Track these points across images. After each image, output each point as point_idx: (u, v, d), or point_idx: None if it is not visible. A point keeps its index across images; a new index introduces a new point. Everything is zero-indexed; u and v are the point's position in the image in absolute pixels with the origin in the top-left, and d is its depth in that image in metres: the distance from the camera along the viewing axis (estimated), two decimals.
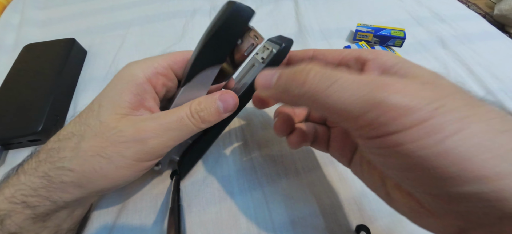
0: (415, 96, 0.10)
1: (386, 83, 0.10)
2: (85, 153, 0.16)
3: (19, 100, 0.29)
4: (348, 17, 0.44)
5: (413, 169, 0.10)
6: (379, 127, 0.10)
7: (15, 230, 0.16)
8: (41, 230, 0.17)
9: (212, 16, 0.44)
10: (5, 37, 0.40)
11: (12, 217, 0.16)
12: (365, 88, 0.11)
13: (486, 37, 0.43)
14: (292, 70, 0.14)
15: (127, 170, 0.17)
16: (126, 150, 0.16)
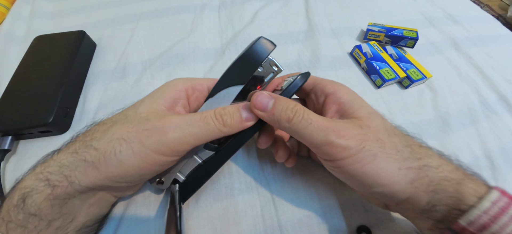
0: (351, 140, 0.17)
1: (337, 129, 0.17)
2: (112, 135, 0.17)
3: (30, 91, 0.29)
4: (359, 15, 0.43)
5: (350, 179, 0.19)
6: (330, 156, 0.18)
7: (35, 211, 0.16)
8: (57, 216, 0.18)
9: (220, 11, 0.43)
10: (16, 28, 0.40)
11: (33, 196, 0.16)
12: (324, 132, 0.17)
13: (500, 39, 0.42)
14: (284, 107, 0.18)
15: (142, 160, 0.17)
16: (146, 138, 0.17)
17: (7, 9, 0.43)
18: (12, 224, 0.16)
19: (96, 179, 0.17)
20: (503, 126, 0.31)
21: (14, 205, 0.16)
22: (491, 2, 1.48)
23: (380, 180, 0.17)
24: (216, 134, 0.19)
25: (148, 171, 0.18)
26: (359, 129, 0.18)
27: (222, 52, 0.37)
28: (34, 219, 0.17)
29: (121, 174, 0.17)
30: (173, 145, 0.17)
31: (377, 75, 0.34)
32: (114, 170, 0.17)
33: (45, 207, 0.17)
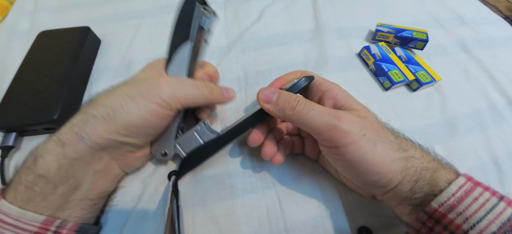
0: (353, 126, 0.18)
1: (339, 115, 0.19)
2: (117, 93, 0.20)
3: (34, 88, 0.29)
4: (367, 15, 0.42)
5: (348, 166, 0.19)
6: (333, 141, 0.19)
7: (43, 172, 0.17)
8: (63, 180, 0.18)
9: (226, 9, 0.43)
10: (20, 23, 0.40)
11: (44, 156, 0.18)
12: (328, 116, 0.19)
13: (510, 43, 0.41)
14: (287, 97, 0.21)
15: (145, 111, 0.19)
16: (147, 93, 0.20)
17: (10, 3, 0.43)
18: (21, 186, 0.17)
19: (105, 132, 0.19)
20: (510, 131, 0.31)
21: (26, 167, 0.18)
22: (498, 3, 1.46)
23: (378, 168, 0.18)
24: (204, 100, 0.22)
25: (150, 124, 0.20)
26: (358, 118, 0.19)
27: (228, 50, 0.36)
28: (41, 180, 0.17)
29: (128, 126, 0.19)
30: (168, 99, 0.20)
31: (385, 77, 0.33)
32: (122, 122, 0.19)
33: (53, 168, 0.18)
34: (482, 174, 0.27)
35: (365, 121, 0.19)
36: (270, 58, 0.35)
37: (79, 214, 0.20)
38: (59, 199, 0.18)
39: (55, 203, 0.18)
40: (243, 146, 0.28)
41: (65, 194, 0.18)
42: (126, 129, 0.19)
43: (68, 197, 0.19)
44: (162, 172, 0.25)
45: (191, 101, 0.22)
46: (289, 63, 0.35)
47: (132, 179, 0.25)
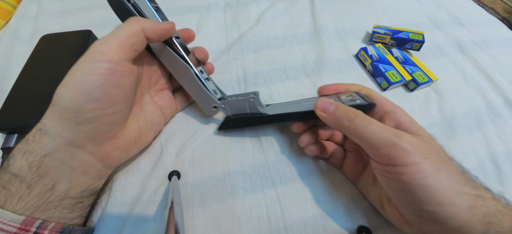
0: (415, 147, 0.17)
1: (401, 134, 0.18)
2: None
3: (36, 90, 0.29)
4: (365, 17, 0.43)
5: (404, 190, 0.17)
6: (391, 159, 0.17)
7: (16, 171, 0.17)
8: (36, 179, 0.18)
9: (226, 12, 0.44)
10: (23, 27, 0.40)
11: (15, 156, 0.18)
12: (388, 133, 0.18)
13: (506, 43, 0.42)
14: (345, 108, 0.20)
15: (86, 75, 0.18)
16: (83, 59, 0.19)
17: (14, 7, 0.44)
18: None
19: (56, 115, 0.18)
20: (509, 130, 0.31)
21: (2, 168, 0.18)
22: (495, 5, 1.48)
23: (439, 198, 0.16)
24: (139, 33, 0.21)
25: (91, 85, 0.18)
26: (422, 142, 0.18)
27: (227, 52, 0.37)
28: (15, 180, 0.17)
29: (69, 98, 0.18)
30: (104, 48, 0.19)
31: (382, 78, 0.34)
32: (62, 96, 0.18)
33: (23, 166, 0.17)
34: (481, 173, 0.27)
35: (429, 147, 0.18)
36: (269, 59, 0.36)
37: (61, 215, 0.19)
38: (36, 199, 0.18)
39: (32, 203, 0.17)
40: (244, 145, 0.28)
41: (42, 194, 0.18)
42: (71, 102, 0.18)
43: (46, 197, 0.18)
44: (161, 173, 0.25)
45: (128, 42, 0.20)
46: (288, 65, 0.35)
47: (132, 180, 0.25)
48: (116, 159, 0.23)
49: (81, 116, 0.18)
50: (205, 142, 0.28)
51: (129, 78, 0.21)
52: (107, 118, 0.20)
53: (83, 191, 0.20)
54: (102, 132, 0.20)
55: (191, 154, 0.27)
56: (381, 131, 0.18)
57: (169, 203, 0.21)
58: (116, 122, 0.21)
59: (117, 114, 0.21)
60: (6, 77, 0.33)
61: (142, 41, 0.21)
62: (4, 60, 0.36)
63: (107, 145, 0.21)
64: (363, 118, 0.19)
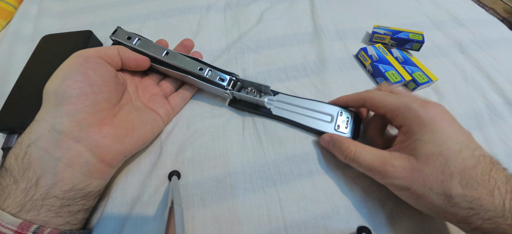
0: (397, 179, 0.20)
1: (383, 169, 0.21)
2: None
3: (37, 90, 0.29)
4: (365, 18, 0.43)
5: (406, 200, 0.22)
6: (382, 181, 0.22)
7: (6, 164, 0.18)
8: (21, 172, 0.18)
9: (226, 12, 0.44)
10: (24, 27, 0.41)
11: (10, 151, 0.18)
12: (374, 170, 0.22)
13: (506, 43, 0.42)
14: (339, 144, 0.24)
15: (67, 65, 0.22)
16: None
17: (14, 8, 0.44)
18: None
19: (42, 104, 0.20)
20: (509, 130, 0.31)
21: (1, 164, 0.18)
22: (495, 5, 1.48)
23: (426, 211, 0.20)
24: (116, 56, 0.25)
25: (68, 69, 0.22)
26: (408, 172, 0.20)
27: (227, 52, 0.37)
28: (5, 173, 0.18)
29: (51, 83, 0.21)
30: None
31: (382, 78, 0.34)
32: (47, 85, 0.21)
33: (11, 158, 0.18)
34: None
35: (416, 175, 0.19)
36: (269, 59, 0.36)
37: (45, 218, 0.17)
38: (21, 195, 0.17)
39: (18, 200, 0.17)
40: (244, 144, 0.28)
41: (27, 190, 0.17)
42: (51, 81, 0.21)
43: (31, 194, 0.17)
44: (161, 173, 0.26)
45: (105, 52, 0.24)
46: (288, 65, 0.35)
47: (132, 180, 0.25)
48: (107, 149, 0.21)
49: (60, 95, 0.20)
50: (205, 142, 0.28)
51: (105, 67, 0.23)
52: (87, 98, 0.20)
53: (70, 191, 0.19)
54: (86, 114, 0.20)
55: (191, 154, 0.27)
56: (367, 168, 0.22)
57: (169, 203, 0.21)
58: (99, 104, 0.21)
59: (97, 95, 0.21)
60: (6, 78, 0.33)
61: (116, 58, 0.25)
62: (5, 60, 0.36)
63: (95, 131, 0.20)
64: (354, 155, 0.23)
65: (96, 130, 0.20)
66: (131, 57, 0.26)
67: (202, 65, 0.29)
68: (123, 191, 0.24)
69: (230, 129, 0.29)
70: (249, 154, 0.27)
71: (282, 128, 0.29)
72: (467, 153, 0.19)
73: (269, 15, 0.42)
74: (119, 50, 0.25)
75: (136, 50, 0.28)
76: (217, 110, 0.31)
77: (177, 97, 0.30)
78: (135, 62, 0.27)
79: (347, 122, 0.28)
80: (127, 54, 0.26)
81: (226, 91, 0.28)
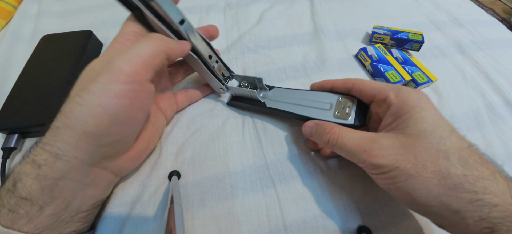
0: (383, 159, 0.18)
1: (370, 149, 0.19)
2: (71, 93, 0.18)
3: (37, 90, 0.29)
4: (364, 18, 0.43)
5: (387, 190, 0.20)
6: (366, 169, 0.20)
7: (25, 195, 0.16)
8: (49, 201, 0.17)
9: (226, 12, 0.44)
10: (23, 27, 0.41)
11: (23, 180, 0.17)
12: (357, 153, 0.20)
13: (505, 43, 0.42)
14: (321, 129, 0.22)
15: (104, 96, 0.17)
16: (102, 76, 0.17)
17: (14, 8, 0.44)
18: (4, 210, 0.16)
19: (74, 139, 0.17)
20: (508, 131, 0.31)
21: (7, 190, 0.17)
22: (494, 5, 1.48)
23: (414, 199, 0.17)
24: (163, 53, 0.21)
25: (115, 111, 0.17)
26: (398, 148, 0.18)
27: (227, 53, 0.37)
28: (25, 203, 0.16)
29: (93, 123, 0.17)
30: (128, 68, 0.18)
31: (382, 78, 0.34)
32: (83, 119, 0.17)
33: (35, 190, 0.16)
34: None
35: (406, 152, 0.17)
36: (269, 59, 0.36)
37: (72, 228, 0.19)
38: (47, 219, 0.17)
39: (43, 224, 0.17)
40: (243, 145, 0.28)
41: (55, 214, 0.17)
42: (94, 126, 0.17)
43: (58, 216, 0.18)
44: (161, 173, 0.26)
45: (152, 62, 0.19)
46: (288, 65, 0.35)
47: (132, 180, 0.25)
48: (127, 169, 0.23)
49: (103, 139, 0.18)
50: (205, 142, 0.28)
51: (151, 98, 0.21)
52: (127, 138, 0.20)
53: (94, 203, 0.21)
54: (119, 150, 0.21)
55: (191, 154, 0.27)
56: (351, 151, 0.20)
57: (169, 203, 0.21)
58: (133, 138, 0.22)
59: (136, 132, 0.22)
60: (6, 78, 0.33)
61: (163, 62, 0.21)
62: (5, 60, 0.36)
63: (121, 159, 0.21)
64: (337, 139, 0.21)
65: (123, 158, 0.21)
66: (177, 51, 0.22)
67: (212, 53, 0.27)
68: (123, 191, 0.24)
69: (230, 129, 0.29)
70: (249, 154, 0.27)
71: (282, 128, 0.29)
72: (458, 135, 0.18)
73: (269, 15, 0.42)
74: (166, 50, 0.20)
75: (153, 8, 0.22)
76: (217, 110, 0.31)
77: (184, 98, 0.30)
78: (180, 54, 0.23)
79: (350, 108, 0.24)
80: (173, 49, 0.21)
81: (222, 86, 0.28)
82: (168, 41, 0.21)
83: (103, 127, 0.17)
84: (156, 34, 0.21)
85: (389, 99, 0.21)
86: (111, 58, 0.18)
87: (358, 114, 0.24)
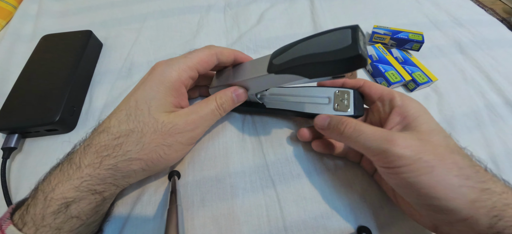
0: (407, 150, 0.18)
1: (392, 139, 0.18)
2: (149, 145, 0.20)
3: (37, 90, 0.29)
4: (365, 18, 0.43)
5: (405, 188, 0.19)
6: (385, 163, 0.19)
7: (77, 214, 0.18)
8: (94, 216, 0.20)
9: (226, 12, 0.44)
10: (23, 27, 0.41)
11: (79, 203, 0.18)
12: (378, 140, 0.19)
13: (506, 43, 0.42)
14: (337, 121, 0.22)
15: (182, 152, 0.23)
16: (181, 137, 0.22)
17: (14, 8, 0.44)
18: (46, 228, 0.17)
19: (143, 176, 0.22)
20: (508, 130, 0.31)
21: (53, 211, 0.17)
22: (495, 5, 1.48)
23: (436, 193, 0.17)
24: (220, 117, 0.25)
25: (182, 155, 0.25)
26: (417, 141, 0.18)
27: None
28: (73, 221, 0.18)
29: (166, 166, 0.23)
30: (198, 135, 0.24)
31: (382, 78, 0.34)
32: (161, 166, 0.22)
33: (88, 211, 0.19)
34: None
35: (424, 145, 0.18)
36: None
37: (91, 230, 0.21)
38: (87, 227, 0.20)
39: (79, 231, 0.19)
40: (243, 145, 0.28)
41: (92, 223, 0.21)
42: (164, 169, 0.24)
43: (94, 222, 0.21)
44: (161, 173, 0.26)
45: (210, 126, 0.25)
46: None
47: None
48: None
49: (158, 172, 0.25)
50: (205, 142, 0.28)
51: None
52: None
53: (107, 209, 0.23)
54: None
55: (191, 154, 0.27)
56: (371, 140, 0.19)
57: (169, 203, 0.21)
58: None
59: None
60: (6, 77, 0.33)
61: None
62: (5, 60, 0.36)
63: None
64: (353, 129, 0.20)
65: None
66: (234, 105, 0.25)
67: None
68: (123, 191, 0.24)
69: (230, 129, 0.29)
70: (249, 154, 0.27)
71: (282, 128, 0.29)
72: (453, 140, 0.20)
73: (269, 15, 0.42)
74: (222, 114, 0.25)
75: None
76: None
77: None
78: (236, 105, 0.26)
79: (348, 100, 0.25)
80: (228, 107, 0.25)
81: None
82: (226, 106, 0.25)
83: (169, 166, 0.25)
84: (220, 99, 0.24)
85: (395, 100, 0.22)
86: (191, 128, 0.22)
87: (356, 105, 0.25)
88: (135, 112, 0.21)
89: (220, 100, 0.24)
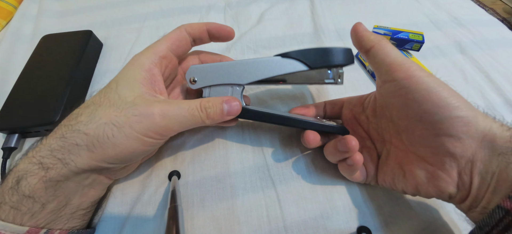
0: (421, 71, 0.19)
1: (410, 64, 0.20)
2: (100, 119, 0.18)
3: (37, 90, 0.29)
4: (365, 18, 0.43)
5: (413, 102, 0.19)
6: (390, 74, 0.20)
7: (29, 193, 0.17)
8: (51, 199, 0.18)
9: (226, 12, 0.44)
10: (24, 27, 0.41)
11: (28, 179, 0.17)
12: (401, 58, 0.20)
13: (506, 43, 0.42)
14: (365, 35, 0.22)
15: (134, 142, 0.19)
16: (136, 124, 0.18)
17: (14, 8, 0.44)
18: (6, 206, 0.17)
19: (91, 160, 0.18)
20: None
21: (9, 187, 0.17)
22: (495, 5, 1.48)
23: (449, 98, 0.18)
24: (200, 124, 0.21)
25: (140, 151, 0.20)
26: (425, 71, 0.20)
27: (227, 53, 0.37)
28: (28, 201, 0.17)
29: (115, 155, 0.18)
30: (161, 130, 0.19)
31: None
32: (109, 152, 0.18)
33: (39, 189, 0.17)
34: None
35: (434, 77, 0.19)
36: None
37: (72, 224, 0.20)
38: (49, 215, 0.18)
39: (44, 219, 0.18)
40: (243, 145, 0.28)
41: (56, 211, 0.18)
42: (114, 158, 0.19)
43: (58, 213, 0.19)
44: (161, 173, 0.26)
45: (186, 127, 0.21)
46: None
47: (132, 180, 0.25)
48: (124, 175, 0.24)
49: (116, 165, 0.20)
50: (205, 142, 0.28)
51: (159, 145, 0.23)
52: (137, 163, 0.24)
53: (93, 202, 0.22)
54: (125, 168, 0.23)
55: (191, 154, 0.27)
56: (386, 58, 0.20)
57: (169, 203, 0.21)
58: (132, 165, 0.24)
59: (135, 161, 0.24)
60: (7, 77, 0.33)
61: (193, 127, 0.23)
62: (5, 60, 0.36)
63: (120, 171, 0.23)
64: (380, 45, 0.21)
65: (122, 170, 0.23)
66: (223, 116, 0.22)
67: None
68: (123, 191, 0.24)
69: (230, 129, 0.29)
70: (249, 154, 0.27)
71: (282, 128, 0.29)
72: None
73: (269, 15, 0.42)
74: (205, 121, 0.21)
75: None
76: None
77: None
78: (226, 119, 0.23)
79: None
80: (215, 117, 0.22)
81: None
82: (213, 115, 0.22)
83: (121, 159, 0.19)
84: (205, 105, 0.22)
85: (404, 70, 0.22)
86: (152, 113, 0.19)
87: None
88: (105, 89, 0.20)
89: (205, 103, 0.21)
